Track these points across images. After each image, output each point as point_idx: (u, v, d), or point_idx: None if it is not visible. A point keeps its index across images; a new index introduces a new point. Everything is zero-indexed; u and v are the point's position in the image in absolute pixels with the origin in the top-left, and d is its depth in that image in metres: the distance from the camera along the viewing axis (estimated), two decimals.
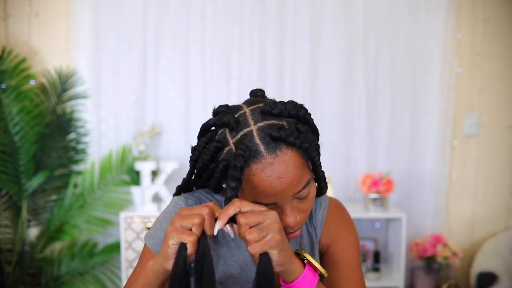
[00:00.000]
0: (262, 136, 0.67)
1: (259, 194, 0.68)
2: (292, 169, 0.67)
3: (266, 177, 0.66)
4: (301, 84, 2.34)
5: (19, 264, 2.23)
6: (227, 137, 0.70)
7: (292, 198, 0.70)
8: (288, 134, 0.66)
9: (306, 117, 0.72)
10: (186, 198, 0.85)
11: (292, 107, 0.71)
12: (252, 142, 0.67)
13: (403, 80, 2.36)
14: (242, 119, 0.70)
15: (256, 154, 0.66)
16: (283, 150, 0.67)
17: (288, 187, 0.67)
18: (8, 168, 2.18)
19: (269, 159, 0.66)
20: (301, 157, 0.69)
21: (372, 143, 2.39)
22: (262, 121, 0.69)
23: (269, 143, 0.67)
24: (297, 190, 0.69)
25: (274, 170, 0.66)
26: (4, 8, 2.35)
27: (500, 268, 2.11)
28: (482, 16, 2.33)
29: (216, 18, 2.33)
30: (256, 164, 0.66)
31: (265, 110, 0.70)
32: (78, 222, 2.27)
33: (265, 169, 0.66)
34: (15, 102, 2.16)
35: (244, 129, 0.69)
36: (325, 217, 0.88)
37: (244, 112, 0.71)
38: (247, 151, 0.66)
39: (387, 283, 2.19)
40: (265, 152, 0.66)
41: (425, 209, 2.40)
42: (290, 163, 0.67)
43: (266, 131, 0.67)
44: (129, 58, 2.35)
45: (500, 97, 2.37)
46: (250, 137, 0.67)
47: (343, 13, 2.33)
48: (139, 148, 2.24)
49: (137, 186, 2.23)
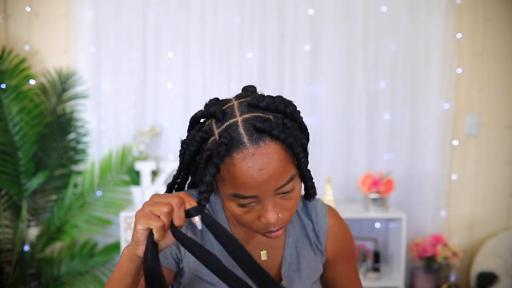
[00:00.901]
0: (246, 127, 0.67)
1: (239, 185, 0.67)
2: (275, 162, 0.66)
3: (247, 167, 0.65)
4: (301, 84, 2.34)
5: (19, 264, 2.23)
6: (212, 128, 0.70)
7: (274, 194, 0.69)
8: (272, 126, 0.66)
9: (295, 114, 0.71)
10: None
11: (280, 102, 0.70)
12: (236, 132, 0.66)
13: (403, 80, 2.36)
14: (229, 111, 0.70)
15: (239, 144, 0.66)
16: (266, 142, 0.66)
17: (269, 179, 0.66)
18: (8, 168, 2.18)
19: (251, 149, 0.65)
20: (285, 151, 0.67)
21: (372, 143, 2.39)
22: (248, 113, 0.69)
23: (253, 134, 0.66)
24: (279, 185, 0.68)
25: (256, 160, 0.65)
26: (4, 8, 2.35)
27: (500, 268, 2.11)
28: (482, 16, 2.33)
29: (216, 18, 2.33)
30: (238, 154, 0.65)
31: (252, 103, 0.70)
32: (78, 222, 2.27)
33: (247, 159, 0.65)
34: (15, 102, 2.16)
35: (230, 119, 0.68)
36: (328, 226, 0.87)
37: (232, 104, 0.71)
38: (230, 140, 0.65)
39: (387, 283, 2.19)
40: (248, 143, 0.66)
41: (425, 209, 2.40)
42: (273, 155, 0.66)
43: (251, 122, 0.67)
44: (129, 58, 2.35)
45: (500, 97, 2.37)
46: (235, 127, 0.67)
47: (343, 13, 2.33)
48: (139, 148, 2.24)
49: (137, 186, 2.23)
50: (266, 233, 0.73)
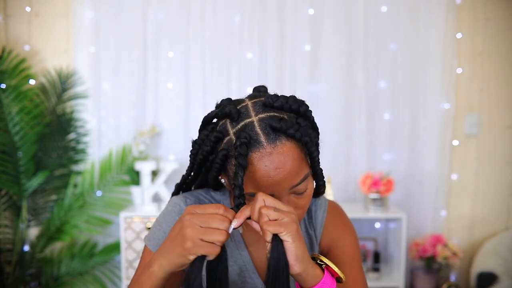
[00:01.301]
0: (262, 127, 0.67)
1: (256, 184, 0.68)
2: (290, 161, 0.67)
3: (264, 166, 0.66)
4: (301, 84, 2.34)
5: (19, 264, 2.23)
6: (227, 127, 0.70)
7: (289, 192, 0.70)
8: (288, 126, 0.67)
9: (307, 113, 0.73)
10: (185, 198, 0.84)
11: (294, 101, 0.72)
12: (253, 132, 0.67)
13: (403, 80, 2.36)
14: (244, 111, 0.71)
15: (255, 143, 0.66)
16: (282, 141, 0.67)
17: (285, 178, 0.67)
18: (8, 168, 2.18)
19: (268, 148, 0.66)
20: (300, 150, 0.68)
21: (372, 143, 2.39)
22: (263, 113, 0.69)
23: (270, 133, 0.67)
24: (295, 183, 0.69)
25: (273, 160, 0.66)
26: (4, 8, 2.35)
27: (500, 268, 2.11)
28: (482, 16, 2.33)
29: (216, 18, 2.33)
30: (255, 153, 0.66)
31: (266, 103, 0.71)
32: (78, 222, 2.27)
33: (264, 158, 0.66)
34: (15, 102, 2.16)
35: (245, 119, 0.69)
36: (325, 219, 0.88)
37: (246, 104, 0.72)
38: (249, 139, 0.66)
39: (387, 283, 2.19)
40: (265, 142, 0.66)
41: (425, 209, 2.40)
42: (289, 154, 0.67)
43: (267, 122, 0.68)
44: (129, 58, 2.35)
45: (500, 97, 2.37)
46: (251, 127, 0.68)
47: (343, 13, 2.33)
48: (139, 148, 2.24)
49: (137, 186, 2.23)
50: None
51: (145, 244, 0.82)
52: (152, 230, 0.82)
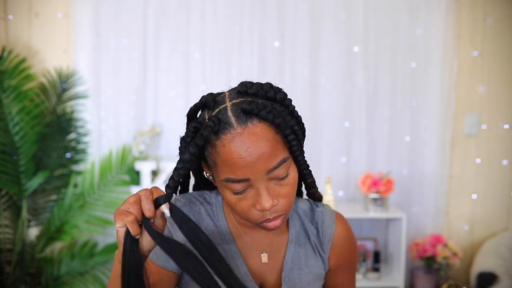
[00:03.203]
0: (234, 110, 0.68)
1: (230, 167, 0.67)
2: (263, 142, 0.66)
3: (235, 147, 0.66)
4: (301, 84, 2.34)
5: (19, 264, 2.23)
6: (204, 116, 0.72)
7: (267, 177, 0.68)
8: (260, 107, 0.67)
9: (285, 101, 0.72)
10: (176, 200, 0.83)
11: (269, 88, 0.71)
12: (225, 115, 0.67)
13: (403, 80, 2.36)
14: (220, 99, 0.71)
15: (226, 125, 0.67)
16: (254, 122, 0.67)
17: (258, 159, 0.66)
18: (8, 168, 2.17)
19: (238, 129, 0.66)
20: (274, 133, 0.68)
21: (372, 143, 2.39)
22: (237, 99, 0.70)
23: (240, 115, 0.67)
24: (270, 167, 0.67)
25: (243, 140, 0.66)
26: (4, 8, 2.35)
27: (500, 268, 2.11)
28: (482, 16, 2.33)
29: (216, 18, 2.33)
30: (226, 135, 0.66)
31: (241, 90, 0.71)
32: (78, 222, 2.27)
33: (234, 138, 0.66)
34: (15, 102, 2.16)
35: (220, 106, 0.70)
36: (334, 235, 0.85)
37: (223, 94, 0.73)
38: (217, 122, 0.66)
39: (387, 283, 2.19)
40: (235, 123, 0.66)
41: (425, 209, 2.40)
42: (261, 135, 0.66)
43: (238, 106, 0.68)
44: (129, 58, 2.35)
45: (500, 97, 2.37)
46: (224, 111, 0.68)
47: (343, 13, 2.33)
48: (139, 148, 2.24)
49: (137, 186, 2.23)
50: (264, 223, 0.72)
51: None
52: None
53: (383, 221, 2.43)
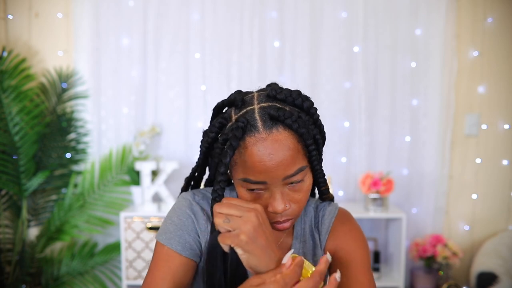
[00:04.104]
0: (261, 114, 0.69)
1: (249, 169, 0.69)
2: (285, 150, 0.68)
3: (257, 151, 0.67)
4: (301, 84, 2.34)
5: (19, 264, 2.23)
6: (231, 114, 0.73)
7: (283, 183, 0.70)
8: (286, 116, 0.68)
9: (311, 109, 0.74)
10: (194, 194, 0.84)
11: (297, 95, 0.73)
12: (252, 117, 0.69)
13: (403, 80, 2.36)
14: (248, 100, 0.73)
15: (252, 128, 0.68)
16: (279, 129, 0.68)
17: (278, 166, 0.68)
18: (8, 168, 2.18)
19: (263, 134, 0.68)
20: (296, 141, 0.69)
21: (372, 143, 2.39)
22: (265, 102, 0.71)
23: (267, 120, 0.68)
24: (288, 174, 0.69)
25: (266, 145, 0.67)
26: (4, 8, 2.35)
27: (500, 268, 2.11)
28: (482, 16, 2.33)
29: (216, 18, 2.33)
30: (250, 137, 0.68)
31: (270, 94, 0.73)
32: (78, 222, 2.27)
33: (258, 143, 0.67)
34: (15, 102, 2.16)
35: (248, 107, 0.71)
36: (332, 224, 0.87)
37: (252, 95, 0.75)
38: (246, 123, 0.68)
39: (387, 283, 2.19)
40: (261, 128, 0.68)
41: (425, 209, 2.40)
42: (284, 143, 0.68)
43: (266, 110, 0.70)
44: (129, 58, 2.35)
45: (500, 97, 2.37)
46: (251, 113, 0.70)
47: (343, 13, 2.33)
48: (139, 148, 2.24)
49: (137, 186, 2.23)
50: (273, 224, 0.74)
51: (157, 240, 0.81)
52: (163, 226, 0.82)
53: (383, 221, 2.43)
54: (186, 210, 0.81)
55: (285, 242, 0.86)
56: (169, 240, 0.79)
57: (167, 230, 0.80)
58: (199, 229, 0.80)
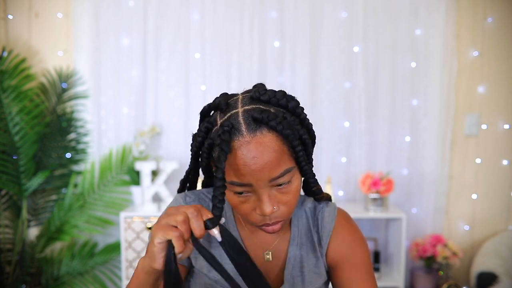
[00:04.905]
0: (245, 117, 0.69)
1: (235, 172, 0.69)
2: (269, 152, 0.67)
3: (241, 154, 0.67)
4: (301, 83, 2.34)
5: (19, 264, 2.23)
6: (216, 118, 0.72)
7: (269, 185, 0.70)
8: (270, 118, 0.67)
9: (297, 109, 0.73)
10: (186, 196, 0.85)
11: (282, 96, 0.72)
12: (236, 121, 0.69)
13: (403, 80, 2.36)
14: (233, 103, 0.72)
15: (236, 132, 0.68)
16: (263, 132, 0.68)
17: (262, 168, 0.67)
18: (8, 168, 2.18)
19: (247, 137, 0.67)
20: (281, 143, 0.69)
21: (372, 143, 2.39)
22: (249, 105, 0.71)
23: (250, 123, 0.68)
24: (273, 176, 0.68)
25: (250, 149, 0.67)
26: (4, 8, 2.35)
27: (500, 268, 2.11)
28: (482, 16, 2.33)
29: (216, 18, 2.33)
30: (235, 141, 0.68)
31: (254, 96, 0.72)
32: (78, 222, 2.27)
33: (242, 146, 0.67)
34: (15, 102, 2.16)
35: (232, 110, 0.71)
36: (333, 229, 0.85)
37: (237, 98, 0.74)
38: (231, 127, 0.68)
39: (387, 283, 2.19)
40: (245, 131, 0.68)
41: (425, 209, 2.40)
42: (268, 145, 0.68)
43: (250, 113, 0.69)
44: (129, 58, 2.35)
45: (500, 97, 2.37)
46: (235, 116, 0.69)
47: (343, 13, 2.33)
48: (139, 148, 2.24)
49: (137, 186, 2.24)
50: (263, 226, 0.74)
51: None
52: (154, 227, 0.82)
53: (383, 221, 2.43)
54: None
55: (280, 246, 0.84)
56: None
57: None
58: None
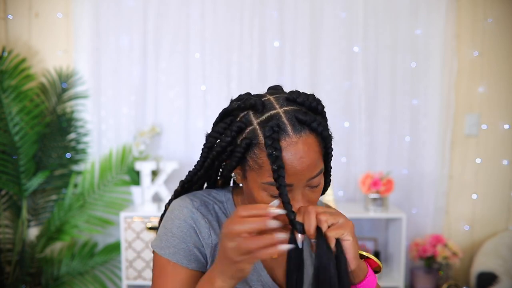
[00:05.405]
0: (289, 118, 0.70)
1: None
2: (312, 153, 0.70)
3: (289, 155, 0.68)
4: (301, 84, 2.34)
5: (19, 264, 2.23)
6: (250, 118, 0.72)
7: (305, 184, 0.72)
8: (312, 119, 0.70)
9: (323, 113, 0.77)
10: (192, 200, 0.81)
11: (313, 99, 0.75)
12: (280, 122, 0.69)
13: (403, 80, 2.36)
14: (268, 103, 0.73)
15: (282, 132, 0.69)
16: (307, 133, 0.70)
17: (306, 168, 0.69)
18: (8, 168, 2.18)
19: (294, 138, 0.69)
20: (319, 144, 0.72)
21: (372, 143, 2.39)
22: (287, 106, 0.72)
23: (295, 124, 0.70)
24: (312, 175, 0.71)
25: (298, 149, 0.69)
26: (4, 8, 2.35)
27: (500, 268, 2.11)
28: (482, 16, 2.33)
29: (216, 18, 2.33)
30: (282, 142, 0.68)
31: (290, 98, 0.74)
32: (78, 222, 2.27)
33: (289, 147, 0.68)
34: (15, 102, 2.16)
35: (270, 111, 0.71)
36: None
37: (268, 98, 0.75)
38: (278, 127, 0.68)
39: (387, 283, 2.19)
40: (291, 132, 0.69)
41: (425, 209, 2.40)
42: (312, 146, 0.70)
43: (293, 114, 0.70)
44: (129, 58, 2.35)
45: (500, 97, 2.37)
46: (278, 117, 0.70)
47: (343, 13, 2.33)
48: (139, 148, 2.24)
49: (137, 186, 2.23)
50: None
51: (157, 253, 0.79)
52: (163, 238, 0.80)
53: (383, 221, 2.43)
54: (187, 220, 0.78)
55: None
56: (174, 255, 0.77)
57: (170, 244, 0.78)
58: (201, 237, 0.78)
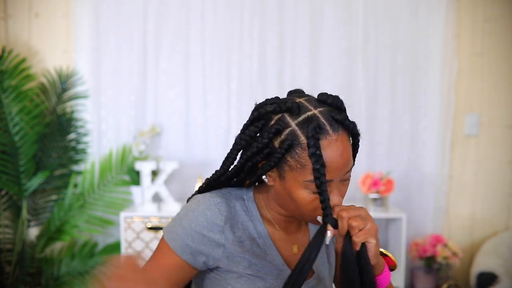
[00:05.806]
0: (326, 117, 0.74)
1: None
2: (349, 148, 0.76)
3: (331, 152, 0.73)
4: (301, 84, 2.34)
5: (19, 264, 2.23)
6: (287, 120, 0.75)
7: (342, 179, 0.77)
8: (345, 117, 0.75)
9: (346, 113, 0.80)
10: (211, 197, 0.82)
11: (339, 100, 0.79)
12: (320, 121, 0.73)
13: (403, 80, 2.36)
14: (302, 105, 0.76)
15: (323, 131, 0.73)
16: (342, 130, 0.75)
17: (346, 164, 0.75)
18: (8, 168, 2.18)
19: (334, 136, 0.73)
20: (350, 140, 0.78)
21: (372, 143, 2.39)
22: (321, 107, 0.76)
23: (333, 123, 0.74)
24: (348, 169, 0.77)
25: (338, 146, 0.73)
26: (4, 8, 2.35)
27: (500, 268, 2.11)
28: (482, 16, 2.33)
29: (216, 18, 2.33)
30: (323, 141, 0.73)
31: (321, 99, 0.78)
32: (78, 222, 2.27)
33: (331, 144, 0.73)
34: (15, 102, 2.16)
35: (306, 112, 0.75)
36: None
37: (299, 101, 0.78)
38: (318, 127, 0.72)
39: None
40: (330, 130, 0.73)
41: (425, 209, 2.40)
42: (347, 143, 0.76)
43: (328, 114, 0.75)
44: (129, 58, 2.35)
45: (500, 97, 2.37)
46: (316, 118, 0.74)
47: (343, 13, 2.33)
48: (139, 148, 2.24)
49: (137, 186, 2.23)
50: None
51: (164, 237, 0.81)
52: (171, 224, 0.83)
53: (383, 221, 2.43)
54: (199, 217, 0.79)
55: (304, 239, 0.89)
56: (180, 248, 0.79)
57: (174, 230, 0.81)
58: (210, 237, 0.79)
